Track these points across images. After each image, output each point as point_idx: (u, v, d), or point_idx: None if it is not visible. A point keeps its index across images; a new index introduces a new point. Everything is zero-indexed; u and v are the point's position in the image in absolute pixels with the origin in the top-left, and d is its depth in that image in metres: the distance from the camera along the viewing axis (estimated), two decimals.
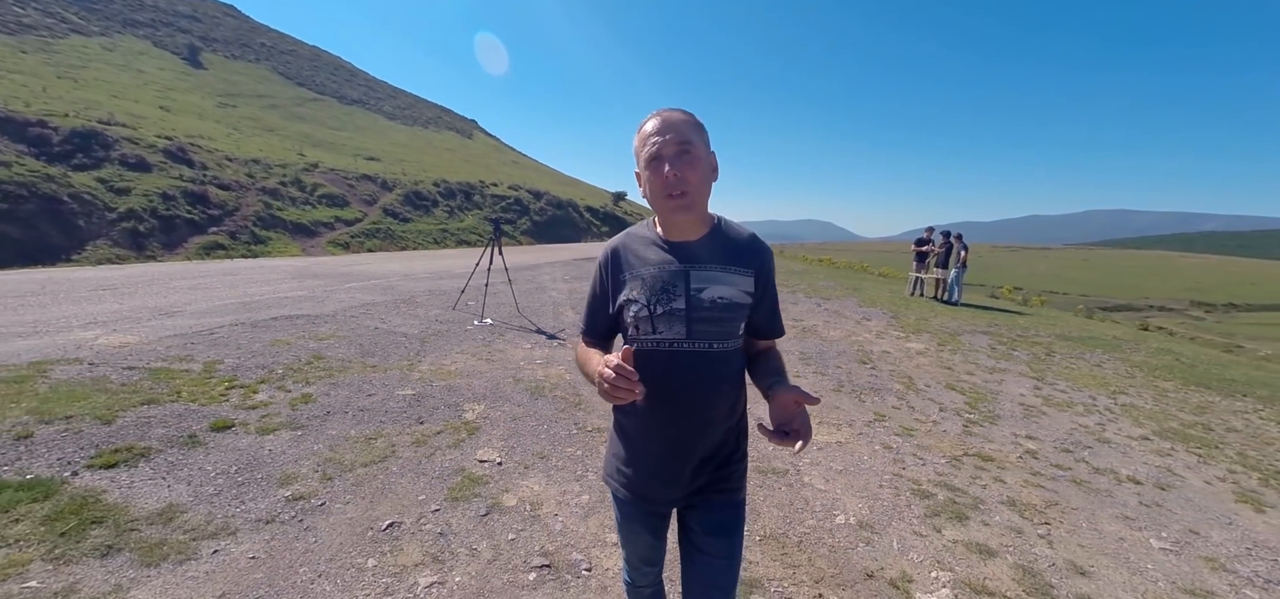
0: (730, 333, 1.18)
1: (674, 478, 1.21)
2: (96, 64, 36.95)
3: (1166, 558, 2.60)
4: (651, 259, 1.19)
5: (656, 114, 1.15)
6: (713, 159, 1.17)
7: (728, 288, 1.16)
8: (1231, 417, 4.96)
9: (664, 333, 1.16)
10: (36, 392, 3.52)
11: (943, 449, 3.69)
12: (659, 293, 1.16)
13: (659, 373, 1.15)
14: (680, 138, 1.10)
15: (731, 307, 1.16)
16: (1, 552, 2.08)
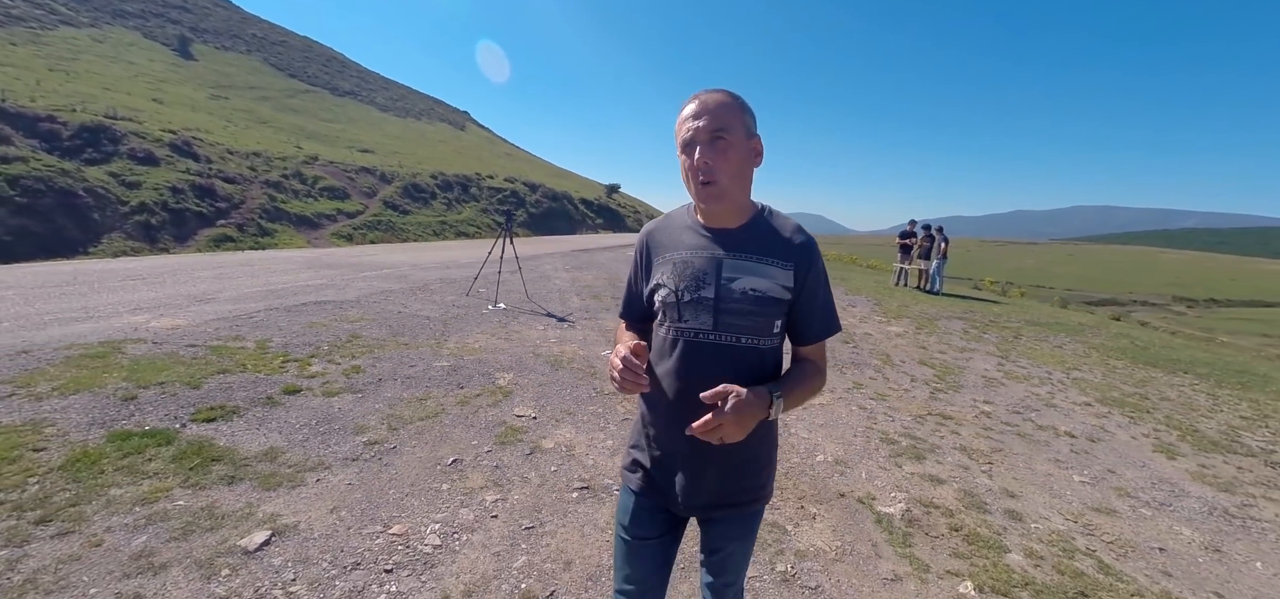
0: (763, 329, 1.10)
1: (693, 478, 1.14)
2: (87, 56, 36.64)
3: (1084, 488, 3.21)
4: (685, 243, 1.16)
5: (696, 96, 1.09)
6: (755, 144, 1.11)
7: (763, 280, 1.10)
8: (1168, 389, 5.62)
9: (690, 321, 1.11)
10: (121, 365, 4.01)
11: (910, 410, 4.28)
12: (688, 280, 1.12)
13: (684, 362, 1.11)
14: (714, 124, 1.05)
15: (764, 300, 1.09)
16: (147, 482, 2.60)
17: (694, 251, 1.13)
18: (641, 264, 1.24)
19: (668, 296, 1.13)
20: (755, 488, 1.18)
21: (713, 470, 1.14)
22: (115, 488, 2.52)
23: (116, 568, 2.03)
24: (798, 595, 2.13)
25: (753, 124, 1.11)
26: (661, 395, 1.15)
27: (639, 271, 1.24)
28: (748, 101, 1.10)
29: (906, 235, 13.50)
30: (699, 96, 1.08)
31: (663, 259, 1.17)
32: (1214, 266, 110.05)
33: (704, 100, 1.07)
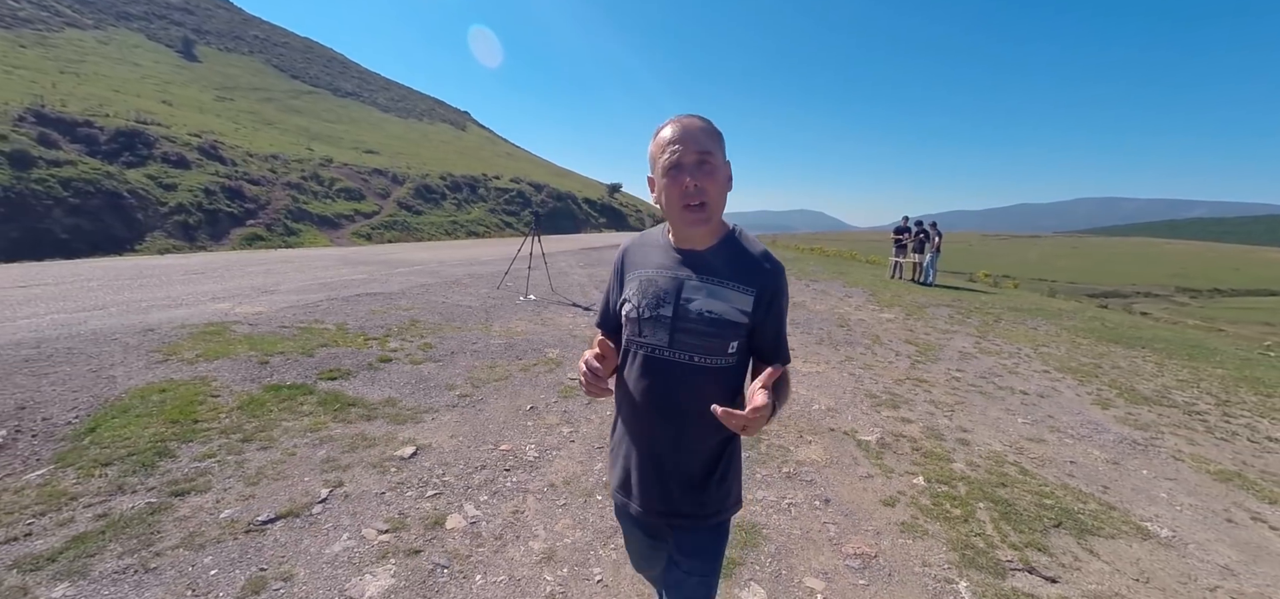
0: (716, 350, 1.14)
1: (652, 487, 1.21)
2: (94, 58, 37.45)
3: (1024, 426, 4.10)
4: (653, 262, 1.21)
5: (675, 120, 1.13)
6: (728, 169, 1.17)
7: (721, 303, 1.14)
8: (1122, 360, 6.51)
9: (648, 337, 1.17)
10: (238, 339, 4.91)
11: (892, 375, 5.18)
12: (650, 298, 1.17)
13: (640, 377, 1.18)
14: (700, 147, 1.10)
15: (721, 323, 1.13)
16: (307, 418, 3.49)
17: (659, 270, 1.19)
18: (616, 278, 1.30)
19: (631, 311, 1.19)
20: (717, 500, 1.21)
21: (673, 483, 1.19)
22: (286, 421, 3.41)
23: (314, 467, 2.92)
24: (799, 485, 3.02)
25: (724, 149, 1.16)
26: (627, 405, 1.23)
27: (614, 285, 1.31)
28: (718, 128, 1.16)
29: (901, 231, 14.38)
30: (680, 120, 1.13)
31: (632, 275, 1.23)
32: (1219, 256, 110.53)
33: (686, 125, 1.11)
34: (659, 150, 1.13)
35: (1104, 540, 2.65)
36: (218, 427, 3.27)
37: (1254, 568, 2.53)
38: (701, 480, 1.19)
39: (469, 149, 54.49)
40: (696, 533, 1.22)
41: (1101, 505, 3.00)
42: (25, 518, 2.35)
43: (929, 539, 2.57)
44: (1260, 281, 70.81)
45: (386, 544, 2.34)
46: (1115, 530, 2.75)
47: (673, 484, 1.19)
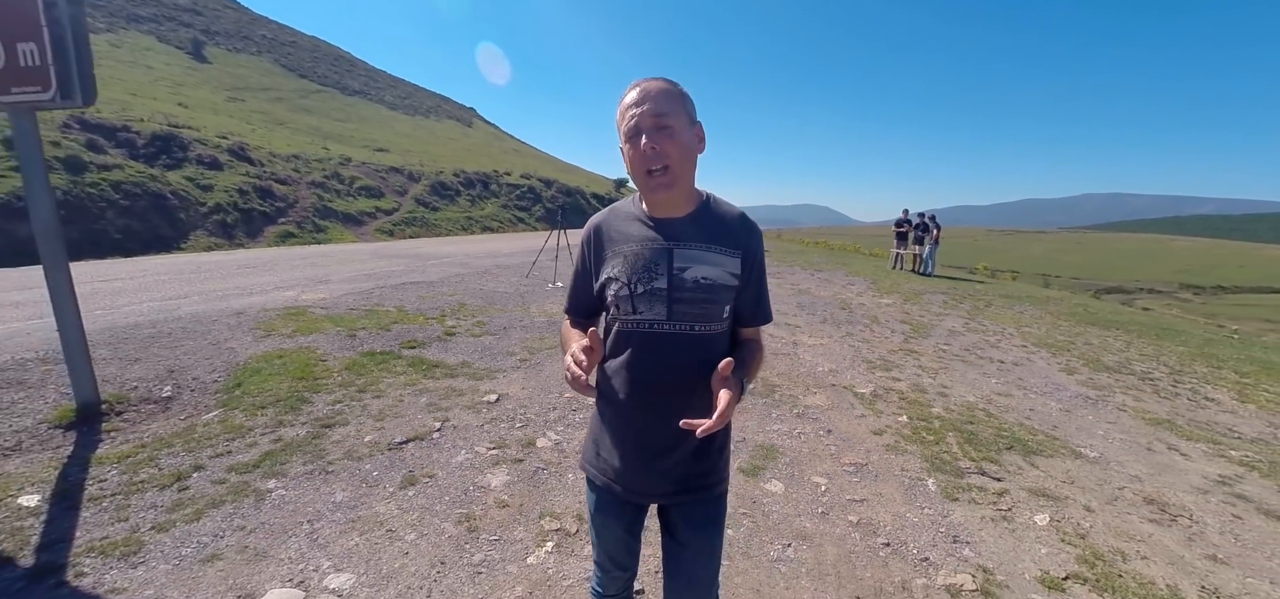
0: (714, 315, 1.14)
1: (653, 467, 1.19)
2: (107, 61, 38.21)
3: (996, 385, 4.87)
4: (634, 235, 1.17)
5: (636, 84, 1.11)
6: (697, 131, 1.14)
7: (712, 268, 1.13)
8: (1094, 338, 7.26)
9: (644, 313, 1.14)
10: (318, 318, 5.70)
11: (887, 347, 5.95)
12: (640, 271, 1.14)
13: (638, 355, 1.15)
14: (657, 110, 1.07)
15: (715, 288, 1.13)
16: (402, 376, 4.28)
17: (643, 243, 1.15)
18: (590, 257, 1.24)
19: (620, 289, 1.14)
20: (713, 471, 1.22)
21: (671, 459, 1.17)
22: (387, 379, 4.21)
23: (422, 409, 3.71)
24: (807, 421, 3.80)
25: (693, 110, 1.13)
26: (617, 388, 1.18)
27: (587, 264, 1.25)
28: (684, 88, 1.12)
29: (901, 224, 15.11)
30: (639, 84, 1.10)
31: (613, 252, 1.18)
32: (1224, 253, 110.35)
33: (645, 88, 1.09)
34: (621, 115, 1.11)
35: (1044, 458, 3.42)
36: (335, 382, 4.07)
37: (1157, 478, 3.30)
38: (706, 450, 1.20)
39: (477, 145, 55.28)
40: (704, 505, 1.23)
41: (1047, 437, 3.77)
42: (220, 442, 3.15)
43: (907, 455, 3.35)
44: (1265, 278, 70.96)
45: (496, 456, 3.14)
46: (1054, 453, 3.52)
47: (681, 459, 1.18)
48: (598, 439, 1.28)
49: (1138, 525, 2.76)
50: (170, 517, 2.44)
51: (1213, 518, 2.87)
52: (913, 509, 2.79)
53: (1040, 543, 2.55)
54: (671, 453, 1.17)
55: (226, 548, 2.27)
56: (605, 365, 1.22)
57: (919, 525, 2.65)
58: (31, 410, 3.41)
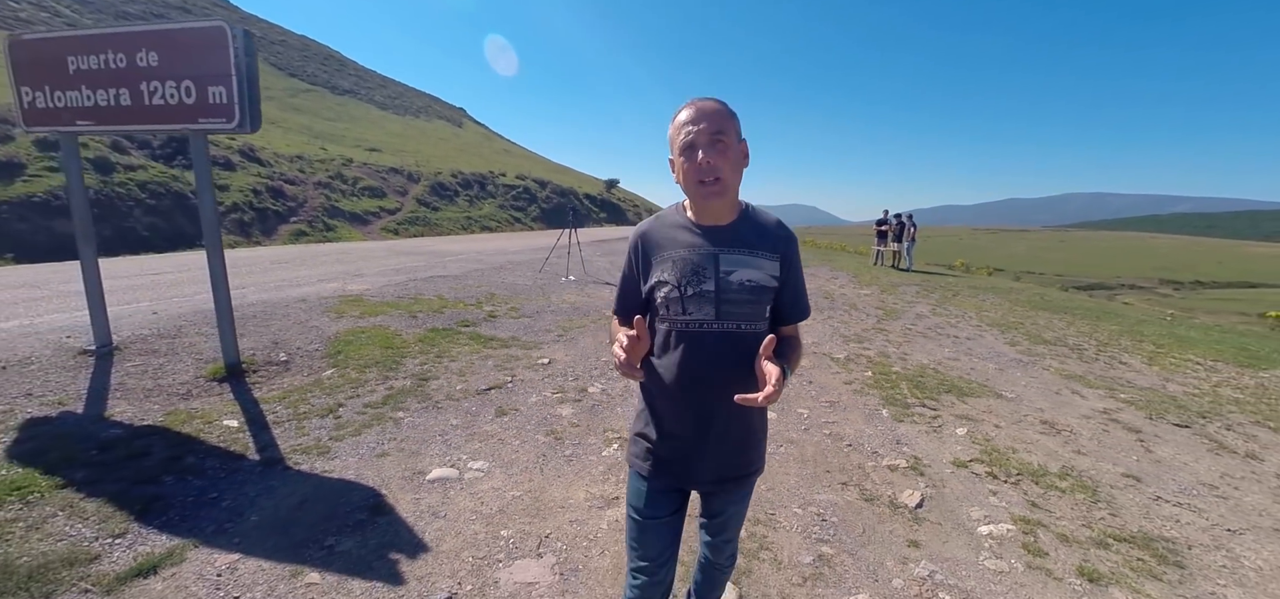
0: (757, 315, 1.27)
1: (701, 457, 1.31)
2: None
3: (948, 353, 6.00)
4: (682, 242, 1.28)
5: (691, 103, 1.22)
6: (744, 147, 1.25)
7: (755, 271, 1.25)
8: (1041, 319, 8.46)
9: (694, 313, 1.24)
10: (379, 304, 6.67)
11: (861, 327, 7.08)
12: (689, 275, 1.24)
13: (688, 352, 1.25)
14: (713, 127, 1.18)
15: (759, 289, 1.26)
16: (467, 347, 5.29)
17: (691, 248, 1.26)
18: (638, 264, 1.35)
19: (671, 292, 1.25)
20: (755, 459, 1.39)
21: (720, 449, 1.31)
22: (455, 348, 5.22)
23: (491, 369, 4.73)
24: (795, 378, 4.86)
25: (740, 129, 1.25)
26: (667, 385, 1.28)
27: (635, 270, 1.37)
28: (733, 109, 1.24)
29: (882, 223, 16.35)
30: (695, 103, 1.22)
31: (661, 257, 1.29)
32: (1202, 250, 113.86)
33: (701, 107, 1.21)
34: (676, 131, 1.22)
35: (972, 398, 4.54)
36: (416, 350, 5.07)
37: (1055, 410, 4.43)
38: (750, 440, 1.34)
39: (469, 145, 55.89)
40: (740, 483, 1.39)
41: (979, 385, 4.90)
42: (347, 389, 4.15)
43: (869, 396, 4.45)
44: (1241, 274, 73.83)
45: (560, 397, 4.17)
46: (981, 395, 4.65)
47: (726, 450, 1.31)
48: (646, 432, 1.38)
49: (1030, 436, 3.88)
50: (338, 433, 3.45)
51: (1087, 432, 4.00)
52: (870, 426, 3.89)
53: (957, 444, 3.66)
54: (721, 442, 1.30)
55: (389, 448, 3.28)
56: (656, 363, 1.31)
57: (873, 436, 3.74)
58: (182, 369, 4.38)
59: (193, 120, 3.92)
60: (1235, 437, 4.10)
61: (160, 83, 3.94)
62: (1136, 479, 3.33)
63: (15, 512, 2.48)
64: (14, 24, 38.81)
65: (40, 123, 4.38)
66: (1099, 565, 2.46)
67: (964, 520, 2.79)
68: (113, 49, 4.02)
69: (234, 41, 3.78)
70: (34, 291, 7.13)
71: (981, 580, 2.34)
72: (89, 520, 2.47)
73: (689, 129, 1.20)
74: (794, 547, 2.53)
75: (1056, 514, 2.88)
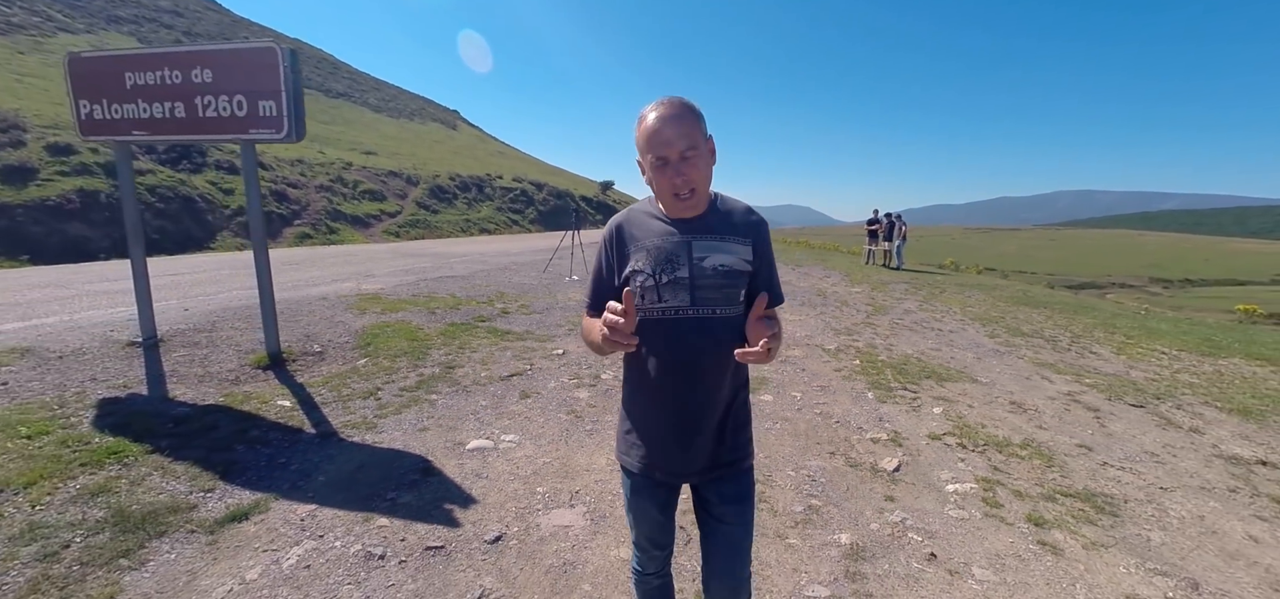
0: (732, 299, 1.29)
1: (685, 447, 1.32)
2: None
3: (931, 345, 6.47)
4: (655, 231, 1.30)
5: (657, 109, 1.22)
6: (711, 144, 1.26)
7: (728, 256, 1.27)
8: (1021, 313, 8.96)
9: (669, 301, 1.26)
10: (398, 301, 7.07)
11: (851, 321, 7.54)
12: (663, 262, 1.26)
13: (665, 341, 1.27)
14: (684, 144, 1.20)
15: (732, 274, 1.28)
16: (485, 339, 5.70)
17: (664, 237, 1.29)
18: (613, 255, 1.36)
19: (646, 281, 1.27)
20: (742, 445, 1.38)
21: (702, 437, 1.31)
22: (475, 341, 5.64)
23: (511, 359, 5.14)
24: (788, 365, 5.33)
25: (705, 126, 1.26)
26: (647, 375, 1.31)
27: (609, 262, 1.37)
28: (697, 105, 1.24)
29: (872, 223, 16.87)
30: (660, 110, 1.22)
31: (636, 248, 1.31)
32: (1191, 248, 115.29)
33: (666, 118, 1.20)
34: (644, 143, 1.23)
35: (950, 382, 5.01)
36: (439, 343, 5.48)
37: (1024, 392, 4.90)
38: (734, 427, 1.35)
39: (463, 148, 56.17)
40: (735, 480, 1.37)
41: (957, 372, 5.37)
42: (381, 375, 4.56)
43: (857, 380, 4.91)
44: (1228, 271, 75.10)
45: (576, 382, 4.60)
46: (958, 380, 5.11)
47: (710, 438, 1.32)
48: (630, 428, 1.40)
49: (999, 414, 4.34)
50: (381, 412, 3.86)
51: (1050, 411, 4.47)
52: (856, 406, 4.34)
53: (933, 421, 4.12)
54: (700, 432, 1.30)
55: (429, 424, 3.70)
56: (636, 353, 1.30)
57: (859, 414, 4.20)
58: (226, 358, 4.77)
59: (244, 131, 4.32)
60: (1183, 414, 4.58)
61: (214, 97, 4.34)
62: (1088, 449, 3.79)
63: (116, 471, 2.88)
64: (8, 30, 38.76)
65: (95, 133, 4.76)
66: (1045, 514, 2.91)
67: (934, 481, 3.24)
68: (169, 66, 4.41)
69: (283, 61, 4.18)
70: (61, 291, 7.48)
71: (945, 525, 2.78)
72: (180, 479, 2.88)
73: (660, 147, 1.21)
74: (788, 499, 2.96)
75: (1014, 476, 3.34)
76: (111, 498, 2.66)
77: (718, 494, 1.37)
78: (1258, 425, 4.40)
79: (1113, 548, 2.64)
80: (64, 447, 3.06)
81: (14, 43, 35.78)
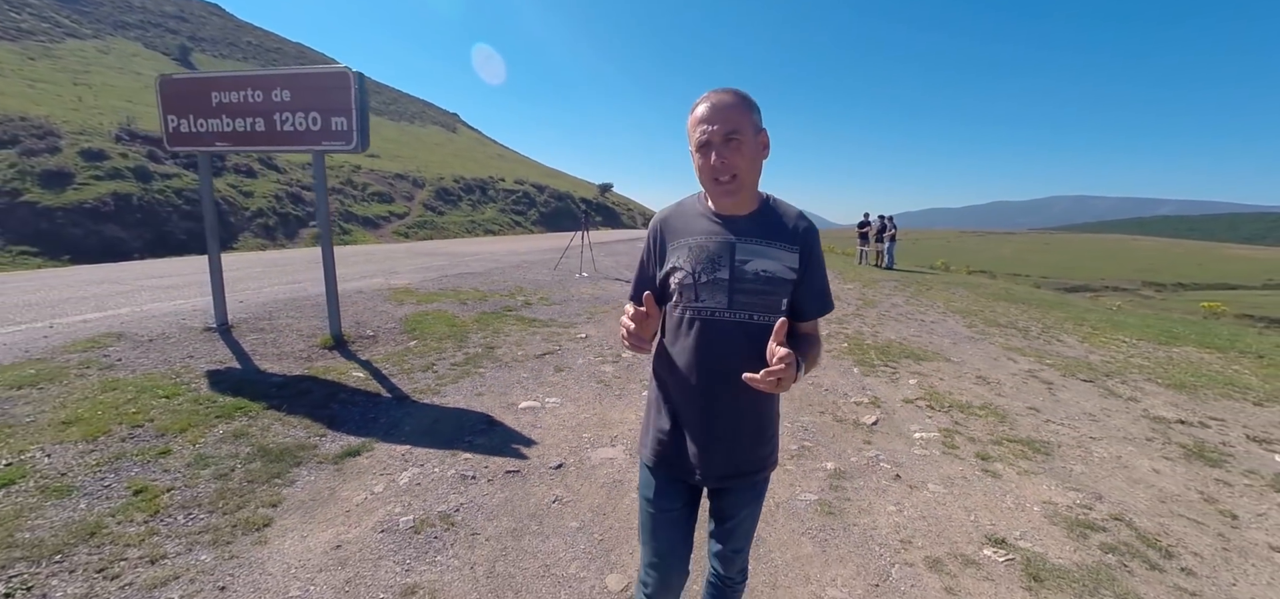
0: (772, 306, 1.26)
1: (711, 449, 1.30)
2: (97, 67, 38.92)
3: (913, 333, 7.21)
4: (699, 229, 1.29)
5: (707, 97, 1.22)
6: (764, 137, 1.25)
7: (772, 262, 1.25)
8: (1000, 310, 9.73)
9: (706, 301, 1.26)
10: (431, 294, 7.78)
11: (842, 313, 8.30)
12: (705, 262, 1.26)
13: (699, 341, 1.27)
14: (727, 127, 1.18)
15: (774, 281, 1.25)
16: (516, 326, 6.42)
17: (708, 236, 1.28)
18: (656, 249, 1.37)
19: (685, 278, 1.27)
20: (765, 456, 1.37)
21: (728, 443, 1.31)
22: (507, 327, 6.36)
23: (542, 342, 5.88)
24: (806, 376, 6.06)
25: (759, 119, 1.24)
26: (678, 373, 1.31)
27: (652, 256, 1.39)
28: (752, 97, 1.23)
29: (863, 225, 17.66)
30: (711, 98, 1.21)
31: (677, 244, 1.31)
32: (1184, 252, 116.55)
33: (714, 103, 1.20)
34: (692, 126, 1.22)
35: (926, 361, 5.75)
36: (475, 328, 6.20)
37: (990, 369, 5.64)
38: (761, 435, 1.35)
39: (463, 150, 56.84)
40: (753, 488, 1.39)
41: (933, 353, 6.12)
42: (432, 354, 5.27)
43: (845, 359, 5.65)
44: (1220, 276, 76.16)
45: (602, 359, 5.32)
46: (933, 359, 5.86)
47: (736, 444, 1.31)
48: (656, 424, 1.39)
49: (966, 385, 5.08)
50: (440, 382, 4.57)
51: (1010, 383, 5.22)
52: (843, 378, 5.08)
53: (908, 389, 4.86)
54: (728, 437, 1.30)
55: (483, 391, 4.42)
56: (669, 348, 1.34)
57: (845, 384, 4.93)
58: (294, 341, 5.46)
59: (317, 143, 5.03)
60: (1126, 387, 5.33)
61: (291, 114, 5.05)
62: (1037, 410, 4.54)
63: (246, 421, 3.59)
64: (18, 35, 39.29)
65: (181, 144, 5.47)
66: (991, 453, 3.65)
67: (905, 431, 3.97)
68: (252, 87, 5.11)
69: (354, 83, 4.90)
70: (117, 286, 8.15)
71: (910, 459, 3.52)
72: (297, 428, 3.59)
73: (704, 127, 1.20)
74: (784, 443, 3.69)
75: (971, 429, 4.07)
76: (251, 439, 3.37)
77: (734, 500, 1.39)
78: (1188, 396, 5.16)
79: (1040, 474, 3.38)
80: (197, 404, 3.77)
81: (24, 48, 36.31)
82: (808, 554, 2.51)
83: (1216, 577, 2.46)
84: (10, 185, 12.23)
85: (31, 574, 2.16)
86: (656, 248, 1.38)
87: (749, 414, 1.30)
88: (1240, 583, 2.43)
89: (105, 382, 4.03)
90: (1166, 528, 2.84)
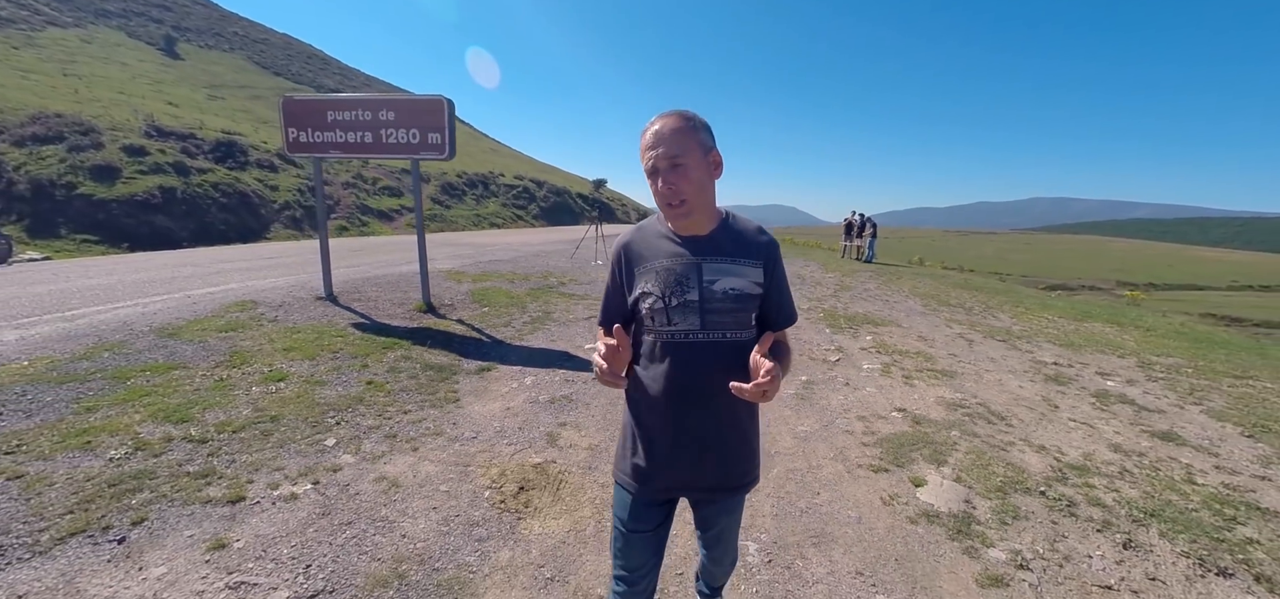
0: (743, 323, 1.33)
1: (689, 467, 1.36)
2: (81, 57, 39.37)
3: (878, 309, 9.08)
4: (664, 252, 1.33)
5: (654, 122, 1.27)
6: (713, 158, 1.30)
7: (739, 279, 1.31)
8: (954, 294, 11.68)
9: (679, 324, 1.29)
10: (478, 275, 9.43)
11: (820, 294, 10.15)
12: (673, 285, 1.29)
13: (675, 363, 1.30)
14: (670, 152, 1.23)
15: (743, 297, 1.31)
16: (560, 297, 8.13)
17: (673, 259, 1.31)
18: (622, 274, 1.41)
19: (655, 303, 1.31)
20: (749, 471, 1.42)
21: (712, 458, 1.36)
22: (553, 299, 8.08)
23: (585, 307, 7.59)
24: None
25: (709, 139, 1.29)
26: (653, 396, 1.34)
27: (619, 282, 1.43)
28: (702, 118, 1.28)
29: (848, 221, 19.63)
30: (655, 126, 1.26)
31: (644, 268, 1.35)
32: (1155, 254, 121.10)
33: (658, 130, 1.25)
34: (643, 154, 1.28)
35: (882, 327, 7.60)
36: (528, 300, 7.89)
37: (929, 332, 7.51)
38: (742, 450, 1.39)
39: (459, 145, 57.86)
40: (733, 492, 1.44)
41: (887, 320, 7.98)
42: (504, 315, 6.97)
43: (820, 325, 7.48)
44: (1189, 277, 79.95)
45: None
46: (887, 324, 7.71)
47: (717, 460, 1.36)
48: (632, 445, 1.42)
49: (909, 341, 6.92)
50: (520, 333, 6.27)
51: (942, 340, 7.07)
52: (818, 335, 6.89)
53: (864, 342, 6.69)
54: (707, 454, 1.35)
55: (556, 339, 6.13)
56: (641, 374, 1.37)
57: (819, 339, 6.74)
58: (392, 307, 7.10)
59: (415, 153, 6.68)
60: (1029, 345, 7.22)
61: (395, 130, 6.69)
62: (955, 356, 6.39)
63: (404, 352, 5.26)
64: (6, 26, 39.56)
65: (298, 150, 7.05)
66: (913, 377, 5.47)
67: (857, 364, 5.79)
68: (362, 108, 6.73)
69: (448, 109, 6.55)
70: (197, 269, 9.67)
71: (857, 377, 5.32)
72: (440, 356, 5.27)
73: (650, 154, 1.25)
74: None
75: (904, 364, 5.90)
76: (416, 360, 5.05)
77: (716, 510, 1.49)
78: (1072, 352, 7.05)
79: (941, 385, 5.21)
80: (364, 339, 5.44)
81: (6, 37, 36.78)
82: (788, 415, 4.30)
83: (1027, 429, 4.28)
84: (65, 179, 13.56)
85: (340, 416, 3.83)
86: (624, 274, 1.42)
87: (730, 431, 1.36)
88: (1039, 431, 4.25)
89: (285, 328, 5.67)
90: (1010, 409, 4.67)
